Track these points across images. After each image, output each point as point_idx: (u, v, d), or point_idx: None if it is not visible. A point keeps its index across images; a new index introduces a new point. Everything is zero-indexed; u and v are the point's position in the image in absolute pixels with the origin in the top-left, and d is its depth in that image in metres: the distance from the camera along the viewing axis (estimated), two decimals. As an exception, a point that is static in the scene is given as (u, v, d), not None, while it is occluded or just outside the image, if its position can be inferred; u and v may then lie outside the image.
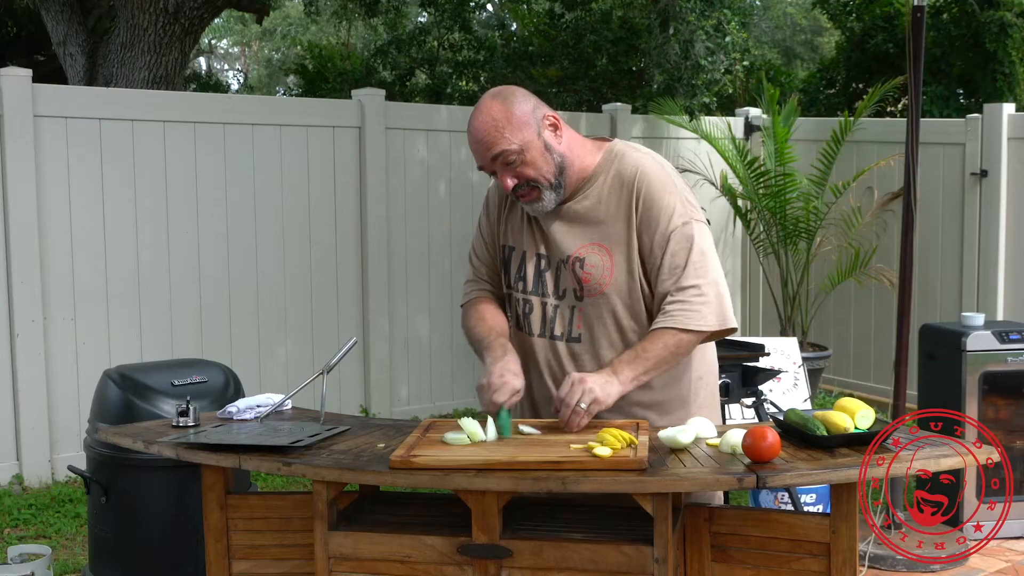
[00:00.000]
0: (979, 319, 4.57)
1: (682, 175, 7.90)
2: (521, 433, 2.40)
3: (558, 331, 2.56)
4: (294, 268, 6.14)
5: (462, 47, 11.32)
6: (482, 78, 11.17)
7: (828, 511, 2.31)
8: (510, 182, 2.46)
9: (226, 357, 5.31)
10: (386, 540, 2.29)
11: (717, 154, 7.02)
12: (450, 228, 6.69)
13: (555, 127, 2.49)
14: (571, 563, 2.20)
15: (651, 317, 2.51)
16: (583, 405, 2.35)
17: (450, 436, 2.34)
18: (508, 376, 2.42)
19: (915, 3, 4.25)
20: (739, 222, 7.42)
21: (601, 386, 2.37)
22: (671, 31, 7.35)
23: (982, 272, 6.36)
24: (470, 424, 2.36)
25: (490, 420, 2.38)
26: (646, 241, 2.49)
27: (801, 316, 6.77)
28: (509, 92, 2.49)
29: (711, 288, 2.47)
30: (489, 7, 12.88)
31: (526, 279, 2.59)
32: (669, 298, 2.46)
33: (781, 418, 2.42)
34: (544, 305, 2.57)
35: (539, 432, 2.40)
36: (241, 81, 25.36)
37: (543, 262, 2.57)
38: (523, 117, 2.44)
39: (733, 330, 2.51)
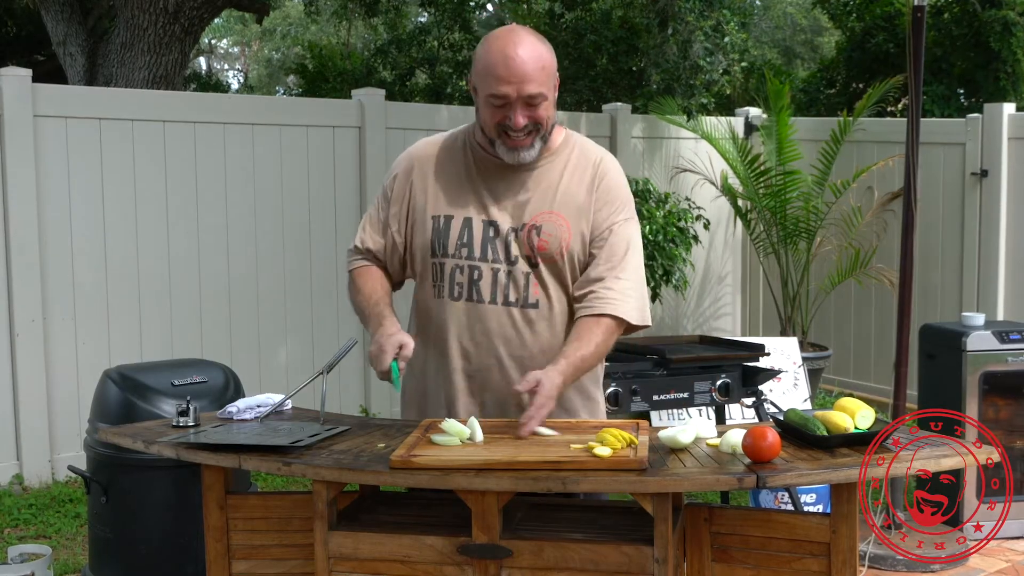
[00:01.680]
0: (979, 319, 4.57)
1: (682, 175, 7.84)
2: (538, 434, 2.38)
3: (512, 297, 2.55)
4: (294, 268, 6.13)
5: (462, 47, 11.32)
6: (482, 78, 11.15)
7: (828, 511, 2.31)
8: (523, 120, 2.47)
9: (226, 357, 5.31)
10: (386, 540, 2.29)
11: (717, 154, 7.02)
12: (450, 228, 6.67)
13: (556, 88, 2.58)
14: (571, 563, 2.20)
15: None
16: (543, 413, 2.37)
17: (437, 438, 2.34)
18: (382, 340, 2.48)
19: (915, 3, 4.25)
20: (739, 222, 7.42)
21: (557, 391, 2.41)
22: (669, 31, 7.34)
23: (982, 272, 6.37)
24: (454, 425, 2.36)
25: (473, 420, 2.37)
26: (596, 219, 2.59)
27: (801, 316, 6.77)
28: (544, 39, 2.55)
29: (640, 285, 2.60)
30: (489, 7, 12.87)
31: (471, 245, 2.55)
32: (602, 284, 2.55)
33: (781, 418, 2.42)
34: (496, 271, 2.54)
35: (558, 433, 2.38)
36: (241, 81, 25.38)
37: (492, 229, 2.55)
38: (554, 69, 2.53)
39: (645, 327, 2.63)
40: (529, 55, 2.45)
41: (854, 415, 2.33)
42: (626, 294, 2.55)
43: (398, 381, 2.45)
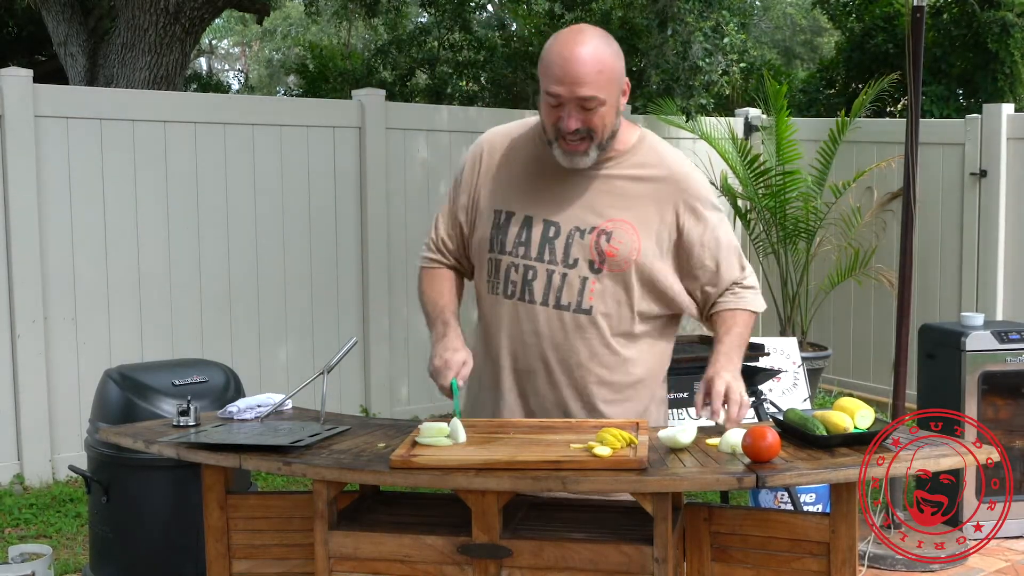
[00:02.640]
0: (979, 319, 4.57)
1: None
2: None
3: (565, 300, 2.50)
4: (294, 268, 6.14)
5: (462, 47, 11.32)
6: (482, 78, 11.17)
7: (828, 511, 2.32)
8: (575, 124, 2.40)
9: (226, 357, 5.31)
10: (386, 540, 2.29)
11: (717, 154, 7.02)
12: (450, 228, 6.68)
13: (625, 93, 2.50)
14: (571, 563, 2.20)
15: (670, 305, 2.59)
16: (746, 398, 2.42)
17: (421, 439, 2.34)
18: (447, 355, 2.47)
19: (915, 3, 4.25)
20: (739, 222, 7.42)
21: (736, 382, 2.46)
22: (669, 32, 7.35)
23: (982, 272, 6.37)
24: (431, 427, 2.35)
25: (455, 421, 2.36)
26: (695, 236, 2.54)
27: (801, 316, 6.77)
28: (614, 41, 2.47)
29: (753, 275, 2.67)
30: (489, 7, 12.87)
31: (529, 244, 2.51)
32: (736, 286, 2.59)
33: (781, 418, 2.42)
34: (551, 273, 2.49)
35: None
36: (241, 81, 25.37)
37: (552, 229, 2.50)
38: (619, 73, 2.44)
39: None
40: (588, 57, 2.37)
41: (853, 415, 2.33)
42: (756, 289, 2.63)
43: (458, 401, 2.39)
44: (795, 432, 2.34)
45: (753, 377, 3.95)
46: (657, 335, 2.61)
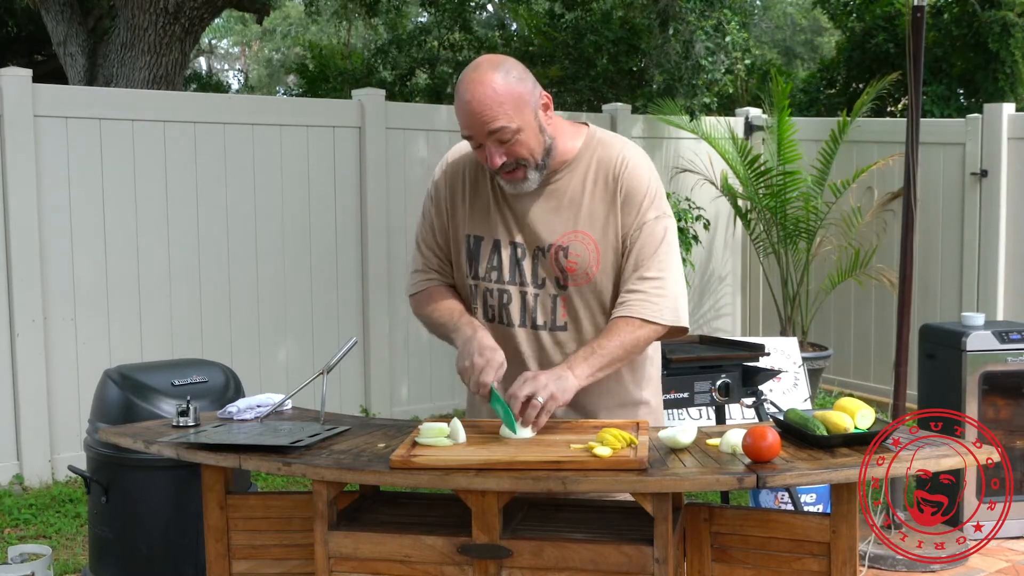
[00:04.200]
0: (979, 319, 4.57)
1: (682, 175, 7.84)
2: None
3: (540, 320, 2.50)
4: (294, 268, 6.14)
5: (462, 47, 11.33)
6: (482, 78, 11.18)
7: (828, 511, 2.31)
8: (499, 159, 2.37)
9: (226, 357, 5.31)
10: (386, 540, 2.29)
11: (717, 154, 7.03)
12: (450, 228, 6.68)
13: (547, 108, 2.46)
14: (571, 563, 2.20)
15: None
16: (540, 399, 2.30)
17: (421, 439, 2.33)
18: (488, 353, 2.38)
19: (915, 3, 4.25)
20: (739, 222, 7.43)
21: (556, 381, 2.33)
22: (671, 31, 7.35)
23: (982, 272, 6.37)
24: (431, 427, 2.35)
25: (455, 421, 2.35)
26: (623, 225, 2.48)
27: (801, 316, 6.77)
28: (511, 65, 2.42)
29: (671, 284, 2.47)
30: (489, 7, 12.88)
31: (501, 268, 2.51)
32: (630, 287, 2.45)
33: (781, 418, 2.42)
34: (524, 295, 2.50)
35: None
36: (241, 81, 25.37)
37: (519, 250, 2.50)
38: (525, 95, 2.39)
39: (684, 330, 2.50)
40: (486, 93, 2.33)
41: (854, 415, 2.33)
42: (651, 295, 2.43)
43: (499, 400, 2.33)
44: (795, 432, 2.34)
45: (754, 377, 3.95)
46: None
